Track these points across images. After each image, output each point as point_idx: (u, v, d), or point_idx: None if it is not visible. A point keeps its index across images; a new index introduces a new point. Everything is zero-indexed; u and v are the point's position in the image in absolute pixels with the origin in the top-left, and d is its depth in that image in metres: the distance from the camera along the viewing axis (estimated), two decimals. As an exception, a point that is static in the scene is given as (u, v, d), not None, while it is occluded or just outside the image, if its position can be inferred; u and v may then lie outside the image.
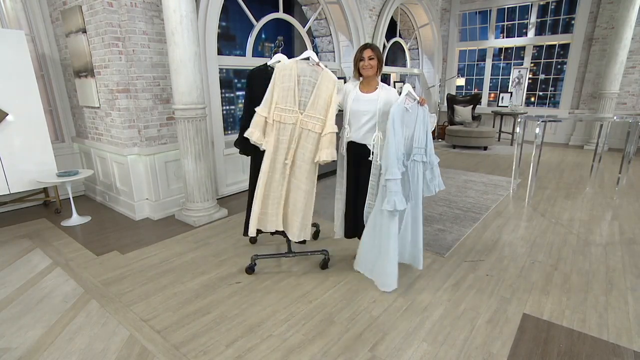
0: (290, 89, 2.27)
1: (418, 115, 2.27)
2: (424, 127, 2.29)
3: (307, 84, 2.31)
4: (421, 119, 2.28)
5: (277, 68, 2.28)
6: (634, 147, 3.95)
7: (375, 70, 2.34)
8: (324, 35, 6.19)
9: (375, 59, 2.32)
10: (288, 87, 2.27)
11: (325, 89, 2.32)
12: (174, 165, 3.77)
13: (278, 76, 2.26)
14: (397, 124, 2.16)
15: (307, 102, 2.32)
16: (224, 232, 3.31)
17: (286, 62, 2.30)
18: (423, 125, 2.29)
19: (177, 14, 3.02)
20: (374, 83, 2.38)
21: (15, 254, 2.94)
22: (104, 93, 3.56)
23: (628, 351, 1.82)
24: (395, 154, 2.16)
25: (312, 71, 2.31)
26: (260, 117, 2.29)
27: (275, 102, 2.27)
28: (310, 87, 2.32)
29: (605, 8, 6.76)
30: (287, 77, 2.27)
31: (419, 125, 2.27)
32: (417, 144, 2.27)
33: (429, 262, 2.73)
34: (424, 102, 2.30)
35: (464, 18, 8.73)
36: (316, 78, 2.31)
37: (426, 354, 1.81)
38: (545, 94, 8.26)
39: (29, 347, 1.88)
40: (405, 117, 2.23)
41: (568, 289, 2.37)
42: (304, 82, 2.31)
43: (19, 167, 3.54)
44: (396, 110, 2.16)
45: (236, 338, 1.93)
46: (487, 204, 3.99)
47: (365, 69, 2.33)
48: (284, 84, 2.26)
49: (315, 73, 2.32)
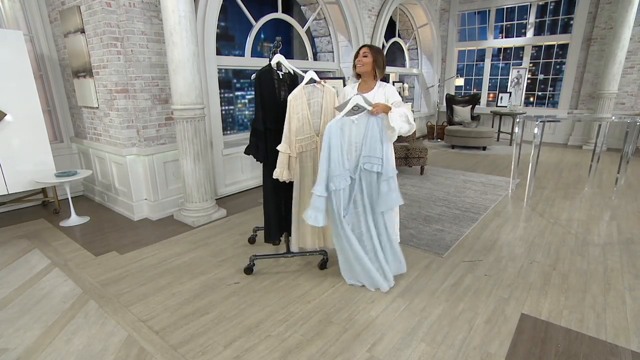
0: (304, 117, 2.33)
1: (369, 124, 2.19)
2: (379, 136, 2.20)
3: (316, 105, 2.37)
4: (375, 128, 2.19)
5: (289, 100, 2.27)
6: (632, 147, 3.95)
7: (369, 67, 2.35)
8: (323, 35, 6.19)
9: (369, 56, 2.33)
10: (302, 115, 2.32)
11: (331, 104, 2.39)
12: (173, 165, 3.77)
13: (292, 107, 2.27)
14: (333, 140, 2.13)
15: (319, 122, 2.40)
16: (222, 233, 3.31)
17: (295, 91, 2.30)
18: (379, 134, 2.20)
19: (175, 14, 3.02)
20: (370, 83, 2.39)
21: (13, 255, 2.94)
22: (103, 93, 3.56)
23: (626, 351, 1.83)
24: (326, 170, 2.14)
25: (317, 91, 2.37)
26: (285, 155, 2.32)
27: (295, 134, 2.30)
28: (318, 107, 2.39)
29: (604, 8, 6.77)
30: (299, 107, 2.30)
31: (370, 134, 2.19)
32: (368, 153, 2.20)
33: (428, 262, 2.73)
34: (377, 111, 2.16)
35: (463, 18, 8.73)
36: (321, 97, 2.37)
37: (424, 354, 1.81)
38: (544, 94, 8.27)
39: (27, 348, 1.88)
40: (353, 129, 2.19)
41: (566, 289, 2.37)
42: (313, 104, 2.36)
43: (17, 167, 3.53)
44: (332, 126, 2.13)
45: (234, 338, 1.93)
46: (485, 204, 3.99)
47: (357, 65, 2.36)
48: (298, 114, 2.30)
49: (320, 92, 2.37)
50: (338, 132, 2.14)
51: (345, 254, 2.33)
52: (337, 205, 2.21)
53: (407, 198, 4.21)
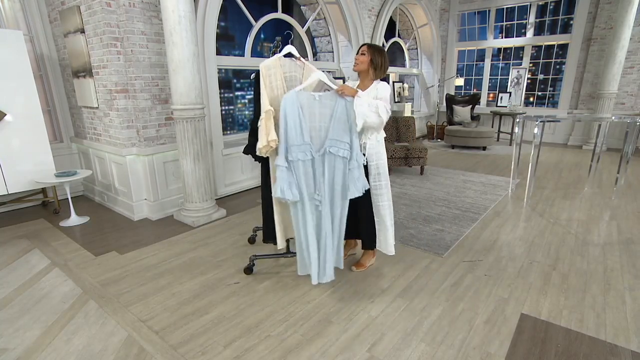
0: (278, 88, 2.25)
1: (337, 105, 2.15)
2: (346, 118, 2.15)
3: (294, 80, 2.30)
4: (343, 112, 2.14)
5: (260, 68, 2.21)
6: (632, 147, 3.95)
7: (365, 66, 2.31)
8: (323, 35, 6.19)
9: (366, 54, 2.30)
10: (276, 86, 2.24)
11: None
12: (173, 165, 3.77)
13: (264, 77, 2.20)
14: (289, 109, 2.07)
15: None
16: (222, 233, 3.31)
17: (268, 61, 2.23)
18: (346, 117, 2.15)
19: (175, 14, 3.02)
20: (367, 82, 2.35)
21: (13, 255, 2.94)
22: (103, 93, 3.56)
23: (625, 351, 1.83)
24: (285, 141, 2.09)
25: (296, 67, 2.32)
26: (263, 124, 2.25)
27: (270, 104, 2.20)
28: (297, 82, 2.32)
29: (604, 8, 6.77)
30: (273, 77, 2.24)
31: (337, 117, 2.14)
32: (334, 137, 2.14)
33: (427, 262, 2.73)
34: (344, 92, 2.13)
35: (462, 18, 8.73)
36: (301, 73, 2.32)
37: (424, 354, 1.81)
38: (544, 94, 8.27)
39: (26, 348, 1.88)
40: (316, 107, 2.13)
41: (566, 289, 2.37)
42: (291, 78, 2.29)
43: (17, 167, 3.53)
44: (288, 96, 2.09)
45: (234, 338, 1.93)
46: (485, 204, 3.99)
47: (355, 63, 2.34)
48: (272, 84, 2.24)
49: (300, 68, 2.32)
50: (295, 101, 2.09)
51: (298, 237, 2.24)
52: (297, 179, 2.14)
53: (407, 198, 4.21)
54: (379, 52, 2.34)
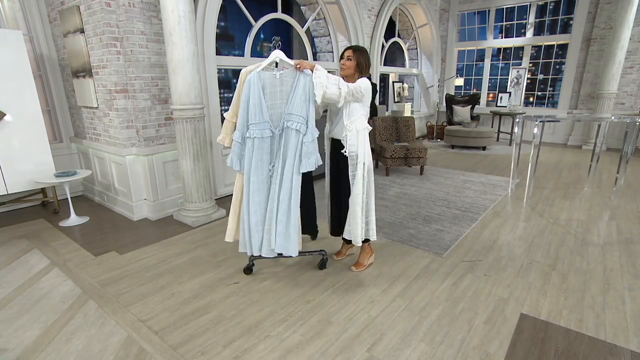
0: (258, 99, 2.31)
1: (297, 81, 2.21)
2: (304, 94, 2.20)
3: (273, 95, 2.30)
4: (301, 87, 2.20)
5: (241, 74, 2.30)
6: (632, 147, 3.96)
7: (352, 71, 2.34)
8: (323, 35, 6.19)
9: (352, 60, 2.31)
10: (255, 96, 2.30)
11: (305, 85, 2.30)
12: (172, 165, 3.77)
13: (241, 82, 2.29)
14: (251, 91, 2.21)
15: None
16: (222, 233, 3.30)
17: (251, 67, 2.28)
18: (303, 93, 2.20)
19: (175, 14, 3.02)
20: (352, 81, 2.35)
21: (13, 255, 2.94)
22: (102, 93, 3.56)
23: (625, 351, 1.83)
24: (243, 117, 2.24)
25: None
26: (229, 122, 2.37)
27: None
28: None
29: (604, 8, 6.77)
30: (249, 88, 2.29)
31: (296, 91, 2.21)
32: (290, 110, 2.21)
33: (427, 262, 2.73)
34: (301, 67, 2.17)
35: (462, 18, 8.74)
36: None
37: (424, 354, 1.81)
38: (544, 94, 8.28)
39: (26, 348, 1.88)
40: (277, 84, 2.23)
41: (565, 289, 2.37)
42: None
43: (16, 167, 3.53)
44: (251, 77, 2.21)
45: (234, 338, 1.93)
46: (485, 204, 4.00)
47: (342, 68, 2.35)
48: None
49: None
50: (257, 82, 2.21)
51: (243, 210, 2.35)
52: (248, 156, 2.26)
53: (407, 198, 4.21)
54: (362, 53, 2.36)
